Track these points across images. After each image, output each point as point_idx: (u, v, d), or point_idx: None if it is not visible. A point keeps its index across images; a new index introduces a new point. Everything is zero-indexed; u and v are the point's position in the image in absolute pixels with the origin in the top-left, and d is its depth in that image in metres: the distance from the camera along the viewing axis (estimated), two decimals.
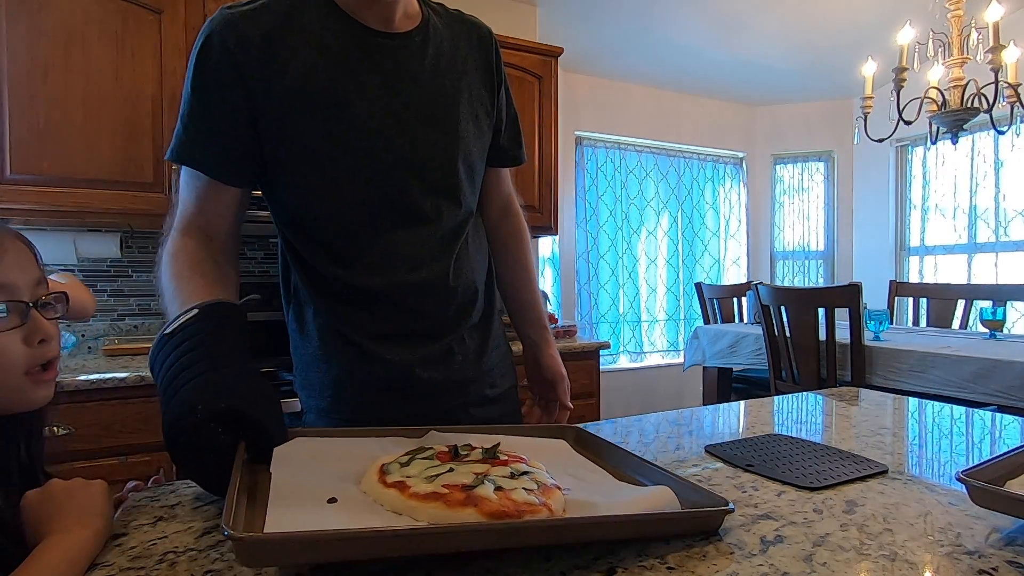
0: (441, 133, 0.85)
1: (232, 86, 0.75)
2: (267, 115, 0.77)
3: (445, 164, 0.85)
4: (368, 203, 0.81)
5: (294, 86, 0.76)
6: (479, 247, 0.96)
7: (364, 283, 0.83)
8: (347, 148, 0.79)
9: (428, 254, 0.85)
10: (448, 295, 0.88)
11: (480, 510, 0.46)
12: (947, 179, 3.75)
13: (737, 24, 3.22)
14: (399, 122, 0.81)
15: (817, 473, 0.67)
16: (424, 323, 0.87)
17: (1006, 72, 2.34)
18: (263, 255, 2.31)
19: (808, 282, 4.42)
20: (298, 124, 0.77)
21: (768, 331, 2.60)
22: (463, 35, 0.92)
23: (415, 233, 0.84)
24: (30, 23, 1.71)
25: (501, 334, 1.01)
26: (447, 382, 0.89)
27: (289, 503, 0.48)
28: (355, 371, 0.86)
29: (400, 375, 0.85)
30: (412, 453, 0.58)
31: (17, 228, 1.85)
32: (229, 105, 0.76)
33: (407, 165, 0.82)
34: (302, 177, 0.80)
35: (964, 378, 2.01)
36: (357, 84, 0.79)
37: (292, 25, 0.77)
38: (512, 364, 1.04)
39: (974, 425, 0.93)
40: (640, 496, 0.54)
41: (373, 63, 0.80)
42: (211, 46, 0.75)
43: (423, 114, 0.83)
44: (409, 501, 0.47)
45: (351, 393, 0.87)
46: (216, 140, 0.77)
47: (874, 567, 0.47)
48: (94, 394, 1.54)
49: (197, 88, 0.76)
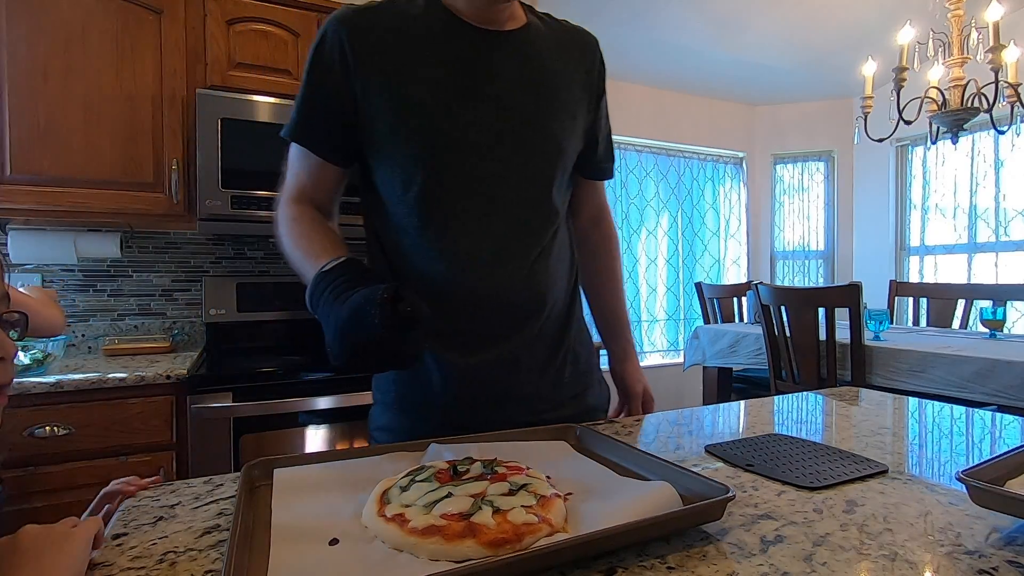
0: (540, 139, 0.85)
1: (340, 75, 0.82)
2: (368, 104, 0.82)
3: (539, 174, 0.86)
4: (453, 200, 0.83)
5: (394, 79, 0.81)
6: (560, 258, 0.92)
7: (433, 277, 0.83)
8: (444, 146, 0.81)
9: (503, 257, 0.84)
10: (514, 301, 0.85)
11: (479, 540, 0.47)
12: (947, 179, 3.75)
13: (737, 24, 3.22)
14: (494, 127, 0.83)
15: (817, 473, 0.67)
16: (483, 326, 0.85)
17: (1006, 72, 2.34)
18: (263, 255, 2.31)
19: (808, 282, 4.42)
20: (391, 115, 0.81)
21: (768, 331, 2.60)
22: (568, 42, 0.93)
23: (494, 234, 0.84)
24: (30, 23, 1.71)
25: (581, 349, 0.97)
26: (508, 391, 0.87)
27: (291, 547, 0.48)
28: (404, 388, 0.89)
29: (458, 376, 0.85)
30: (412, 474, 0.59)
31: (17, 228, 1.86)
32: (336, 93, 0.82)
33: (500, 171, 0.83)
34: (390, 168, 0.84)
35: (964, 378, 2.01)
36: (457, 81, 0.82)
37: (401, 20, 0.83)
38: (597, 381, 1.01)
39: (974, 425, 0.93)
40: (641, 496, 0.54)
41: (474, 59, 0.83)
42: (325, 38, 0.82)
43: (521, 116, 0.84)
44: (409, 537, 0.48)
45: (409, 390, 0.88)
46: (323, 123, 0.85)
47: (874, 567, 0.47)
48: (94, 394, 1.54)
49: (310, 75, 0.84)
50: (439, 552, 0.47)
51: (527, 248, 0.86)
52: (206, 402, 1.61)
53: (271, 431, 1.70)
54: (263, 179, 1.91)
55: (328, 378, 1.77)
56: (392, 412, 0.91)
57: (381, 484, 0.58)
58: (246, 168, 1.89)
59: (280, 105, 1.94)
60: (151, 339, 2.04)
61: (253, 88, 1.95)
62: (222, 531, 0.55)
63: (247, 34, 1.96)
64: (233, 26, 1.95)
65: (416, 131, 0.81)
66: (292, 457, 0.67)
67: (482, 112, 0.82)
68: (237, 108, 1.88)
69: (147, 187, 1.85)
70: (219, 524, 0.56)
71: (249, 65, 1.97)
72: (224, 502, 0.62)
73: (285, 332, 2.23)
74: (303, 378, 1.74)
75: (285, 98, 1.97)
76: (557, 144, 0.87)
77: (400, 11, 0.84)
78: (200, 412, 1.60)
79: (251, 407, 1.65)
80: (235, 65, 1.95)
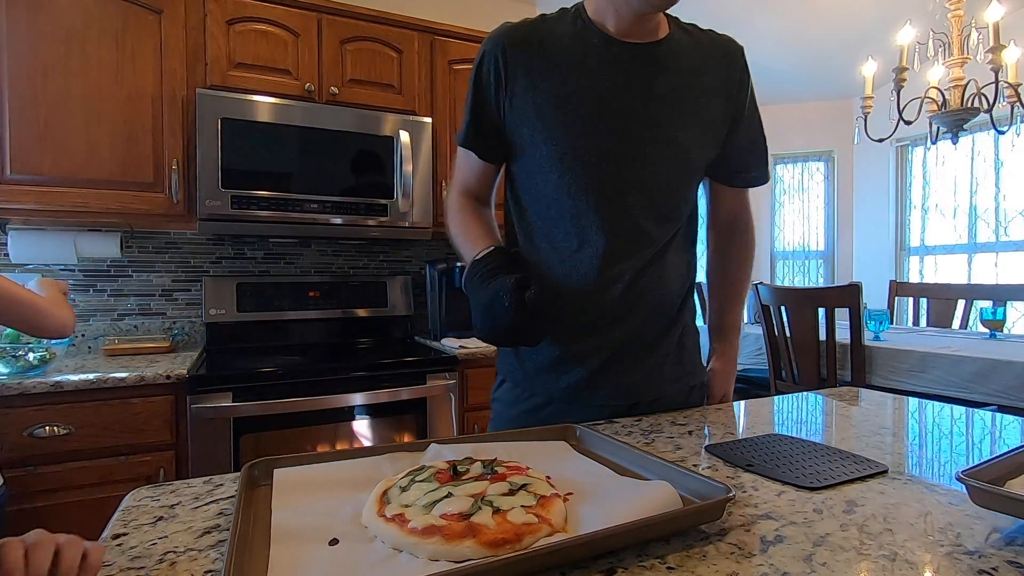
0: (667, 149, 0.91)
1: (494, 88, 0.94)
2: (513, 111, 0.93)
3: (662, 182, 0.92)
4: (574, 205, 0.92)
5: (536, 88, 0.91)
6: (675, 262, 0.98)
7: (551, 270, 0.94)
8: (573, 154, 0.90)
9: (610, 261, 0.91)
10: (619, 299, 0.92)
11: (479, 540, 0.47)
12: (947, 179, 3.75)
13: (737, 24, 3.22)
14: (623, 137, 0.90)
15: (817, 473, 0.67)
16: (589, 318, 0.93)
17: (1006, 72, 2.34)
18: (263, 255, 2.31)
19: (808, 282, 4.42)
20: (531, 123, 0.92)
21: (768, 331, 2.60)
22: (710, 52, 0.95)
23: (607, 238, 0.91)
24: (30, 23, 1.71)
25: (687, 342, 1.02)
26: (606, 376, 0.94)
27: (291, 547, 0.48)
28: (520, 360, 1.00)
29: (563, 358, 0.95)
30: (412, 474, 0.59)
31: (17, 228, 1.86)
32: (491, 103, 0.95)
33: (623, 179, 0.90)
34: (527, 170, 0.95)
35: (964, 378, 2.01)
36: (591, 92, 0.90)
37: (547, 35, 0.93)
38: (700, 371, 1.05)
39: (974, 425, 0.93)
40: (641, 497, 0.54)
41: (610, 71, 0.90)
42: (485, 52, 0.94)
43: (650, 127, 0.90)
44: (409, 537, 0.48)
45: (521, 368, 0.99)
46: (483, 130, 0.98)
47: (874, 567, 0.47)
48: (94, 394, 1.54)
49: (473, 88, 0.97)
50: (439, 552, 0.47)
51: (640, 251, 0.93)
52: (206, 402, 1.61)
53: (271, 431, 1.70)
54: (263, 179, 1.91)
55: (328, 378, 1.77)
56: (507, 385, 1.03)
57: (381, 484, 0.58)
58: (246, 168, 1.89)
59: (280, 105, 1.94)
60: (151, 339, 2.05)
61: (253, 88, 1.95)
62: (222, 531, 0.55)
63: (247, 34, 1.96)
64: (233, 26, 1.95)
65: (549, 139, 0.90)
66: (292, 457, 0.66)
67: (611, 123, 0.89)
68: (237, 108, 1.88)
69: (147, 187, 1.85)
70: (219, 524, 0.56)
71: (249, 65, 1.97)
72: (224, 502, 0.62)
73: (285, 332, 2.23)
74: (303, 378, 1.74)
75: (285, 98, 1.97)
76: (684, 154, 0.92)
77: (549, 27, 0.94)
78: (200, 412, 1.60)
79: (251, 407, 1.65)
80: (235, 65, 1.95)
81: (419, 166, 2.14)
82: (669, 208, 0.94)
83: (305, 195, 1.97)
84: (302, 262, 2.39)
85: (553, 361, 0.95)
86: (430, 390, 1.90)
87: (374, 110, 2.10)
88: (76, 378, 1.52)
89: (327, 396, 1.75)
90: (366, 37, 2.14)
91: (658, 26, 0.92)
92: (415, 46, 2.22)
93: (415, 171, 2.13)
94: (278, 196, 1.93)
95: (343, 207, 2.02)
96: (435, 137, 2.23)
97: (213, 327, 2.12)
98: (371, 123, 2.07)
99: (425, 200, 2.16)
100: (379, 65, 2.16)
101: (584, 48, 0.91)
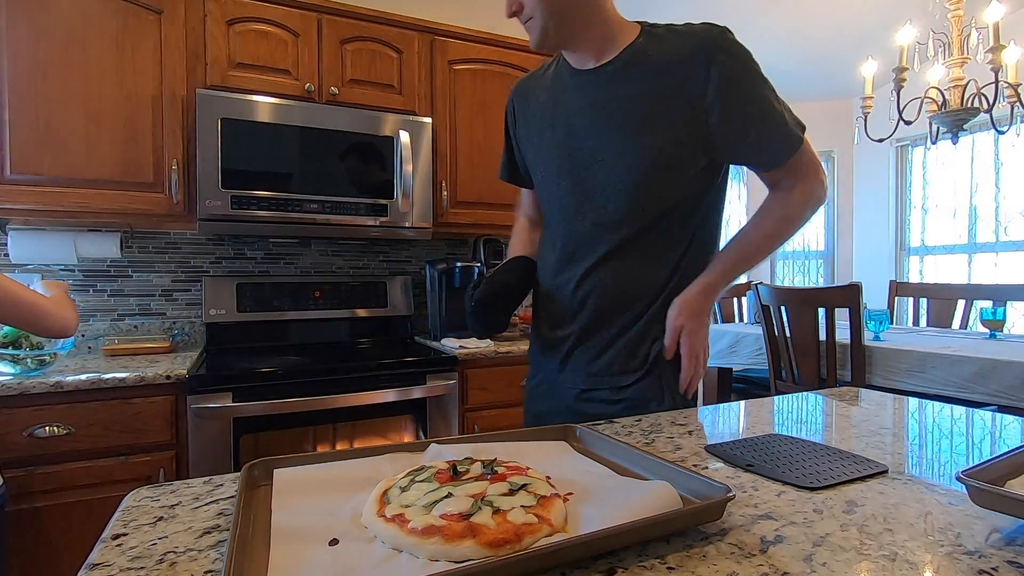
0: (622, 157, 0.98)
1: (512, 128, 1.20)
2: (520, 143, 1.19)
3: (620, 192, 0.99)
4: (546, 213, 1.13)
5: (531, 124, 1.13)
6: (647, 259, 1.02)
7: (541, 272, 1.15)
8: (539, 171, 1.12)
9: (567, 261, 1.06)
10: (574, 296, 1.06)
11: (479, 540, 0.47)
12: (947, 179, 3.75)
13: (737, 24, 3.21)
14: (582, 154, 1.02)
15: (817, 473, 0.67)
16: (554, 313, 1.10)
17: (1006, 72, 2.35)
18: (263, 255, 2.31)
19: (808, 282, 4.42)
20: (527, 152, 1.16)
21: (768, 331, 2.60)
22: (674, 49, 0.95)
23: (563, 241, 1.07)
24: (30, 23, 1.71)
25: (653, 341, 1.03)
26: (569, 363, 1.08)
27: (291, 547, 0.48)
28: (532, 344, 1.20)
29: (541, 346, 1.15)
30: (412, 474, 0.59)
31: (17, 228, 1.86)
32: (512, 140, 1.21)
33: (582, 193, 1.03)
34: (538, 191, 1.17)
35: (964, 378, 2.01)
36: (546, 116, 1.08)
37: (541, 79, 1.12)
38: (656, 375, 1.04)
39: (974, 425, 0.93)
40: (641, 496, 0.54)
41: (568, 97, 1.04)
42: (508, 99, 1.20)
43: (604, 138, 0.99)
44: (409, 537, 0.48)
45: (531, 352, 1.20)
46: (512, 162, 1.24)
47: (874, 567, 0.47)
48: (94, 394, 1.54)
49: (505, 128, 1.23)
50: (439, 552, 0.47)
51: (588, 254, 1.04)
52: (206, 402, 1.61)
53: (271, 431, 1.70)
54: (263, 179, 1.91)
55: (328, 378, 1.77)
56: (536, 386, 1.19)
57: (381, 484, 0.58)
58: (246, 168, 1.89)
59: (280, 105, 1.94)
60: (151, 339, 2.05)
61: (253, 88, 1.95)
62: (222, 531, 0.55)
63: (247, 34, 1.96)
64: (233, 26, 1.95)
65: (535, 166, 1.13)
66: (292, 457, 0.66)
67: (570, 142, 1.03)
68: (237, 108, 1.88)
69: (147, 187, 1.85)
70: (219, 524, 0.56)
71: (249, 65, 1.97)
72: (224, 502, 0.62)
73: (285, 332, 2.23)
74: (303, 378, 1.74)
75: (285, 98, 1.97)
76: (643, 158, 0.96)
77: (544, 72, 1.13)
78: (200, 412, 1.60)
79: (251, 407, 1.65)
80: (235, 65, 1.95)
81: (419, 166, 2.14)
82: (626, 211, 0.99)
83: (305, 195, 1.97)
84: (302, 262, 2.39)
85: (544, 347, 1.14)
86: (430, 390, 1.90)
87: (374, 110, 2.10)
88: (76, 378, 1.52)
89: (327, 396, 1.75)
90: (366, 37, 2.14)
91: (607, 46, 0.99)
92: (415, 46, 2.22)
93: (415, 171, 2.13)
94: (278, 196, 1.93)
95: (343, 207, 2.02)
96: (435, 137, 2.23)
97: (213, 327, 2.12)
98: (371, 123, 2.07)
99: (425, 200, 2.16)
100: (379, 65, 2.16)
101: (558, 83, 1.06)
